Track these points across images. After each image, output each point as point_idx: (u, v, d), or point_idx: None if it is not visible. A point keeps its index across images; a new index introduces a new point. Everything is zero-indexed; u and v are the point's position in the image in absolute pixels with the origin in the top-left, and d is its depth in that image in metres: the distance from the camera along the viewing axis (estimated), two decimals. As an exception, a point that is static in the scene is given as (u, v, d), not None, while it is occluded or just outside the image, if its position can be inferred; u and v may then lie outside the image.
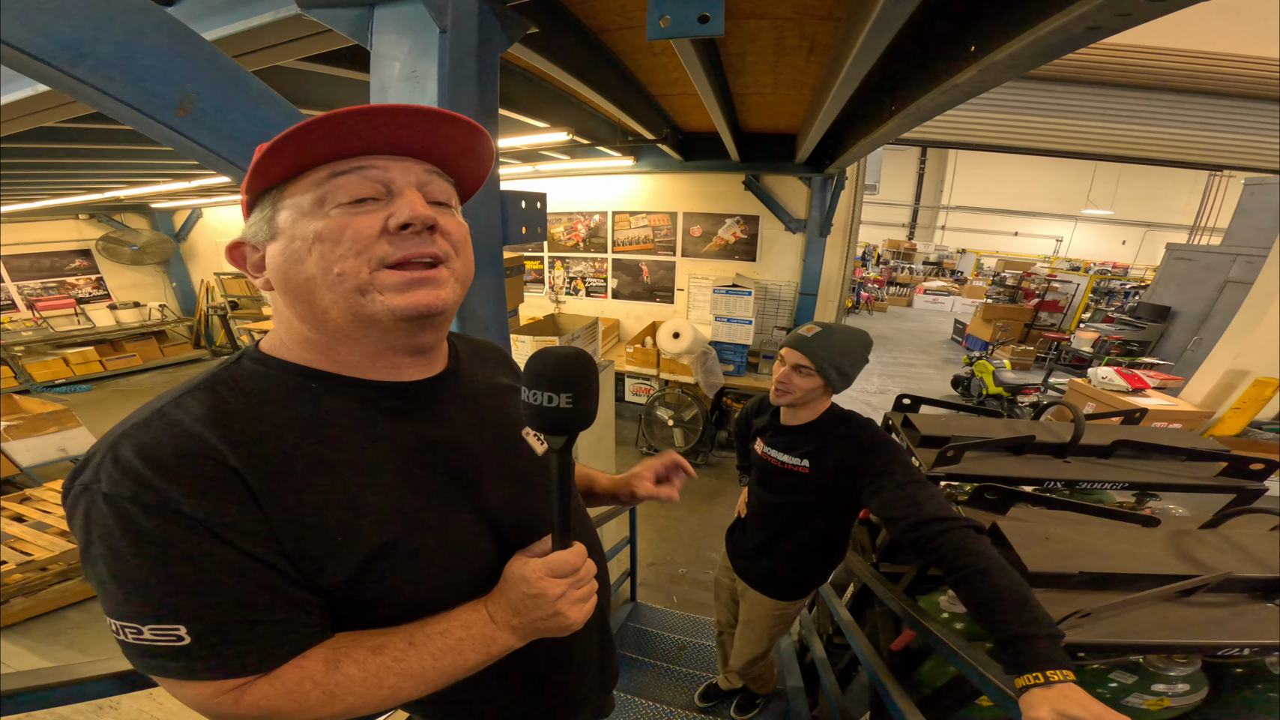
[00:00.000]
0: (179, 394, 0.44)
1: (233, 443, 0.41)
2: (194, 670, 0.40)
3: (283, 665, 0.43)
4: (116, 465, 0.38)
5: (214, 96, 0.80)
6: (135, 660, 0.40)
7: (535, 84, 2.57)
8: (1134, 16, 0.85)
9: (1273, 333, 3.92)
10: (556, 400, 0.46)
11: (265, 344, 0.50)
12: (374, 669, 0.45)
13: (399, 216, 0.45)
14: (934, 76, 1.57)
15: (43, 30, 0.63)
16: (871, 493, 1.03)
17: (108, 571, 0.38)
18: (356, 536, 0.45)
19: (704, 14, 1.02)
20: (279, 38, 1.24)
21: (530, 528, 0.57)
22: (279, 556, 0.42)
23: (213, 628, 0.39)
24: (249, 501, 0.41)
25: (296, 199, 0.45)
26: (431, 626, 0.48)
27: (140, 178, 4.17)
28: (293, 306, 0.47)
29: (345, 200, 0.45)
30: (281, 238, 0.45)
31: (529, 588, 0.49)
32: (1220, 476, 1.34)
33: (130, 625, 0.38)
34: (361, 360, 0.50)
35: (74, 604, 2.72)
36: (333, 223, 0.44)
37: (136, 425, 0.41)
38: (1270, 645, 0.79)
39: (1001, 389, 5.08)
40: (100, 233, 6.87)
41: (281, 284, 0.46)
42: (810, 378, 1.12)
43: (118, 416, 0.41)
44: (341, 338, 0.48)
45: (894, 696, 1.05)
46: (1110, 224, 15.02)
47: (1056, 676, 0.66)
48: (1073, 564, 0.94)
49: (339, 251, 0.44)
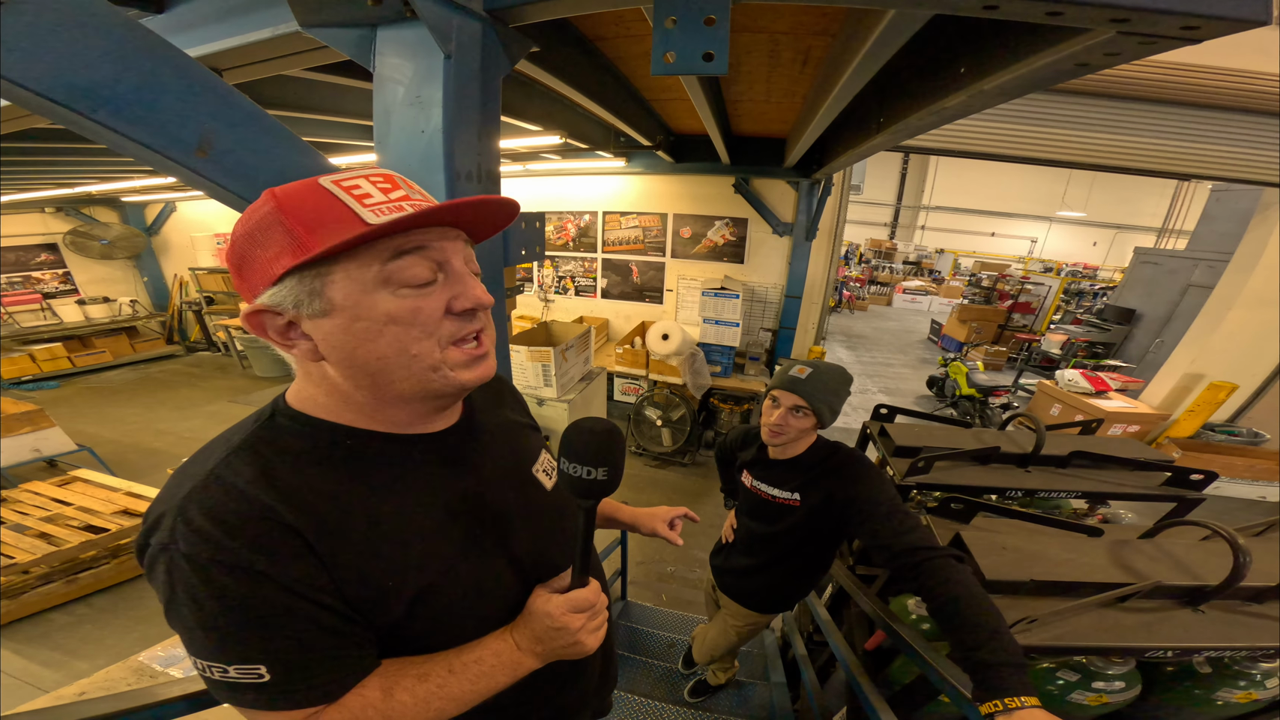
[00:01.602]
0: (225, 454, 0.46)
1: (286, 502, 0.45)
2: (275, 702, 0.45)
3: (346, 694, 0.49)
4: (189, 527, 0.42)
5: (231, 137, 0.83)
6: (221, 694, 0.45)
7: (529, 88, 2.57)
8: (1122, 56, 0.89)
9: (1230, 337, 4.10)
10: (594, 474, 0.53)
11: (295, 401, 0.52)
12: (422, 695, 0.51)
13: (464, 302, 0.49)
14: (923, 97, 1.62)
15: (62, 76, 0.65)
16: (859, 522, 1.07)
17: (195, 621, 0.42)
18: (404, 581, 0.50)
19: (709, 52, 1.01)
20: (279, 51, 1.25)
21: (547, 562, 0.64)
22: (340, 602, 0.47)
23: (287, 666, 0.45)
24: (309, 556, 0.45)
25: (356, 276, 0.45)
26: (467, 655, 0.54)
27: (113, 173, 4.04)
28: (353, 379, 0.49)
29: (414, 283, 0.47)
30: (341, 315, 0.45)
31: (552, 621, 0.55)
32: (1163, 486, 1.47)
33: (217, 665, 0.43)
34: (404, 419, 0.54)
35: (57, 606, 2.68)
36: (405, 304, 0.46)
37: (196, 488, 0.44)
38: (1193, 648, 0.89)
39: (974, 390, 5.27)
40: (68, 226, 6.65)
41: (346, 360, 0.47)
42: (805, 418, 1.15)
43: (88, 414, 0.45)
44: (398, 403, 0.52)
45: (867, 693, 1.14)
46: (1083, 226, 15.51)
47: (1015, 704, 0.69)
48: (1025, 572, 1.03)
49: (413, 334, 0.47)
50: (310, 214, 0.44)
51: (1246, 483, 4.11)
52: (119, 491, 3.22)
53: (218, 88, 0.81)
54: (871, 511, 1.05)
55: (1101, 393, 4.58)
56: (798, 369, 1.16)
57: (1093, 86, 3.08)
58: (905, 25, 1.19)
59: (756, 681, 2.01)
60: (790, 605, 1.49)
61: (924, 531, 0.99)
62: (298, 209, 0.44)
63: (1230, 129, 3.04)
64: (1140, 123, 3.13)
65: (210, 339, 7.41)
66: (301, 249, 0.43)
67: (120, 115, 0.72)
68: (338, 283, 0.45)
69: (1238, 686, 0.94)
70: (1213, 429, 4.33)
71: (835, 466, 1.18)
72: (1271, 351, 4.13)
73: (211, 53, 1.19)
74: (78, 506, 3.04)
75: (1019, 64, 1.12)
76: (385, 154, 1.09)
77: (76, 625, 2.62)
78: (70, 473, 3.43)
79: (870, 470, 1.15)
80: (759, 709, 1.87)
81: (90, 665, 2.34)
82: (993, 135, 3.39)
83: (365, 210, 0.45)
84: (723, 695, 1.90)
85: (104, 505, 3.07)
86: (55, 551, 2.62)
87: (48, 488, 3.21)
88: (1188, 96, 2.96)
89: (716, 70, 1.06)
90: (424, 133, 1.03)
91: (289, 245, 0.44)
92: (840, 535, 1.26)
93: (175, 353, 7.31)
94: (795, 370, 1.16)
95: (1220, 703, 0.95)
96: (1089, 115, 3.18)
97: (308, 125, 2.45)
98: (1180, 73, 2.78)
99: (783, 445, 1.23)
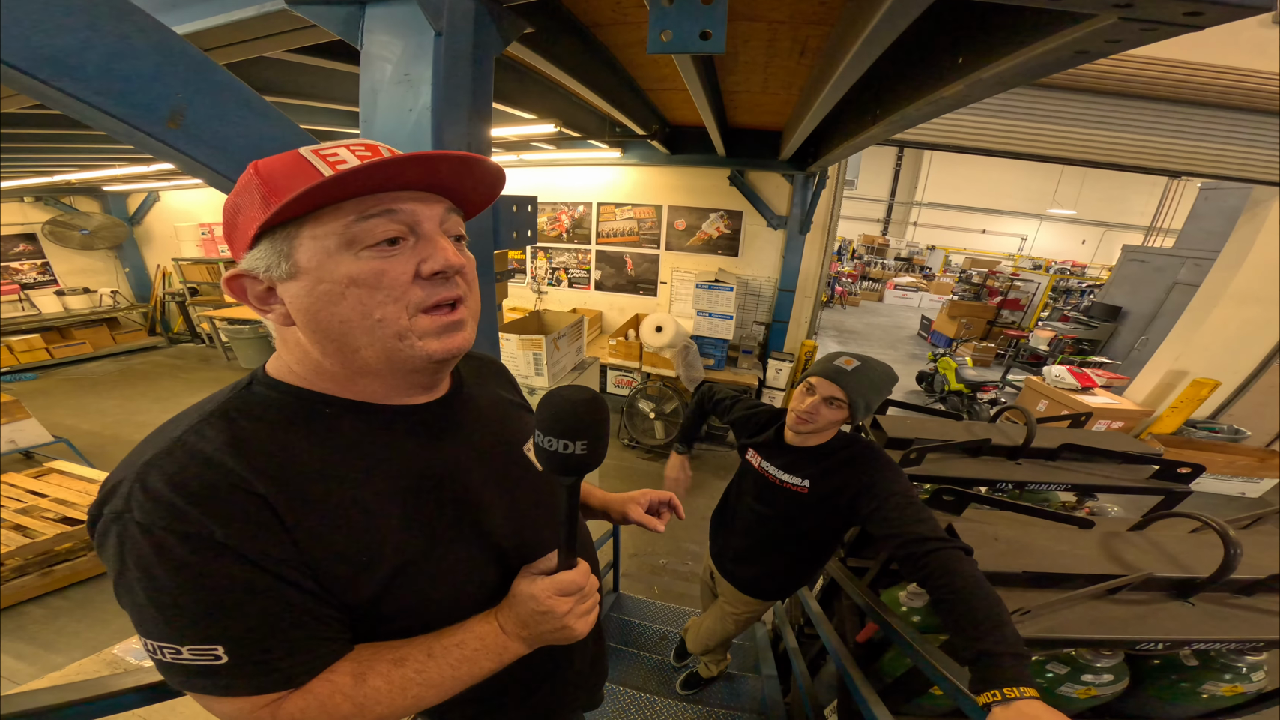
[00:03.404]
0: (195, 421, 0.44)
1: (256, 470, 0.43)
2: (232, 687, 0.42)
3: (313, 680, 0.45)
4: (147, 495, 0.39)
5: (206, 108, 0.79)
6: (174, 678, 0.42)
7: (522, 75, 2.52)
8: (1124, 43, 0.87)
9: (1213, 335, 4.14)
10: (571, 448, 0.48)
11: (273, 370, 0.51)
12: (398, 680, 0.48)
13: (432, 264, 0.47)
14: (920, 87, 1.59)
15: (25, 42, 0.61)
16: (871, 512, 1.06)
17: (145, 597, 0.39)
18: (379, 558, 0.47)
19: (706, 31, 0.98)
20: (265, 31, 1.20)
21: (534, 542, 0.61)
22: (308, 578, 0.44)
23: (248, 647, 0.41)
24: (277, 528, 0.42)
25: (320, 238, 0.44)
26: (448, 639, 0.51)
27: (94, 161, 3.92)
28: (319, 344, 0.47)
29: (376, 242, 0.45)
30: (305, 277, 0.45)
31: (538, 605, 0.52)
32: (1151, 479, 1.48)
33: (169, 646, 0.40)
34: (380, 391, 0.52)
35: (33, 599, 2.63)
36: (367, 266, 0.44)
37: (160, 454, 0.41)
38: (1183, 640, 0.90)
39: (963, 385, 5.32)
40: (47, 216, 6.45)
41: (310, 324, 0.46)
42: (839, 410, 1.11)
43: (66, 405, 0.42)
44: (366, 374, 0.50)
45: (858, 685, 1.14)
46: (1072, 223, 15.70)
47: (1014, 694, 0.68)
48: (1018, 564, 1.03)
49: (377, 298, 0.45)
50: (281, 178, 0.44)
51: (1226, 479, 4.19)
52: (96, 483, 3.14)
53: (192, 56, 0.77)
54: (885, 501, 1.04)
55: (1087, 389, 4.64)
56: (844, 359, 1.11)
57: (1086, 82, 3.08)
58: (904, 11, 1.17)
59: (748, 674, 2.01)
60: (789, 593, 1.48)
61: (935, 523, 0.98)
62: (271, 173, 0.44)
63: (1222, 126, 3.06)
64: (1132, 119, 3.14)
65: (194, 330, 7.25)
66: (265, 208, 0.43)
67: (88, 84, 0.68)
68: (304, 245, 0.44)
69: (1223, 680, 0.95)
70: (1194, 425, 4.40)
71: (851, 458, 1.15)
72: (1254, 349, 4.19)
73: (194, 31, 1.14)
74: (54, 498, 2.97)
75: (1018, 52, 1.10)
76: (371, 133, 1.06)
77: (52, 618, 2.56)
78: (47, 464, 3.34)
79: (887, 462, 1.13)
80: (751, 701, 1.87)
81: (66, 659, 2.28)
82: (987, 130, 3.39)
83: (330, 170, 0.44)
84: (715, 688, 1.90)
85: (81, 497, 3.00)
86: (30, 544, 2.56)
87: (23, 479, 3.13)
88: (1179, 93, 2.97)
89: (714, 49, 1.03)
90: (411, 111, 0.99)
91: (260, 206, 0.44)
92: (846, 525, 1.24)
93: (158, 344, 7.15)
94: (842, 360, 1.11)
95: (1206, 696, 0.96)
96: (1082, 111, 3.18)
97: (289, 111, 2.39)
98: (1173, 69, 2.78)
99: (806, 434, 1.18)
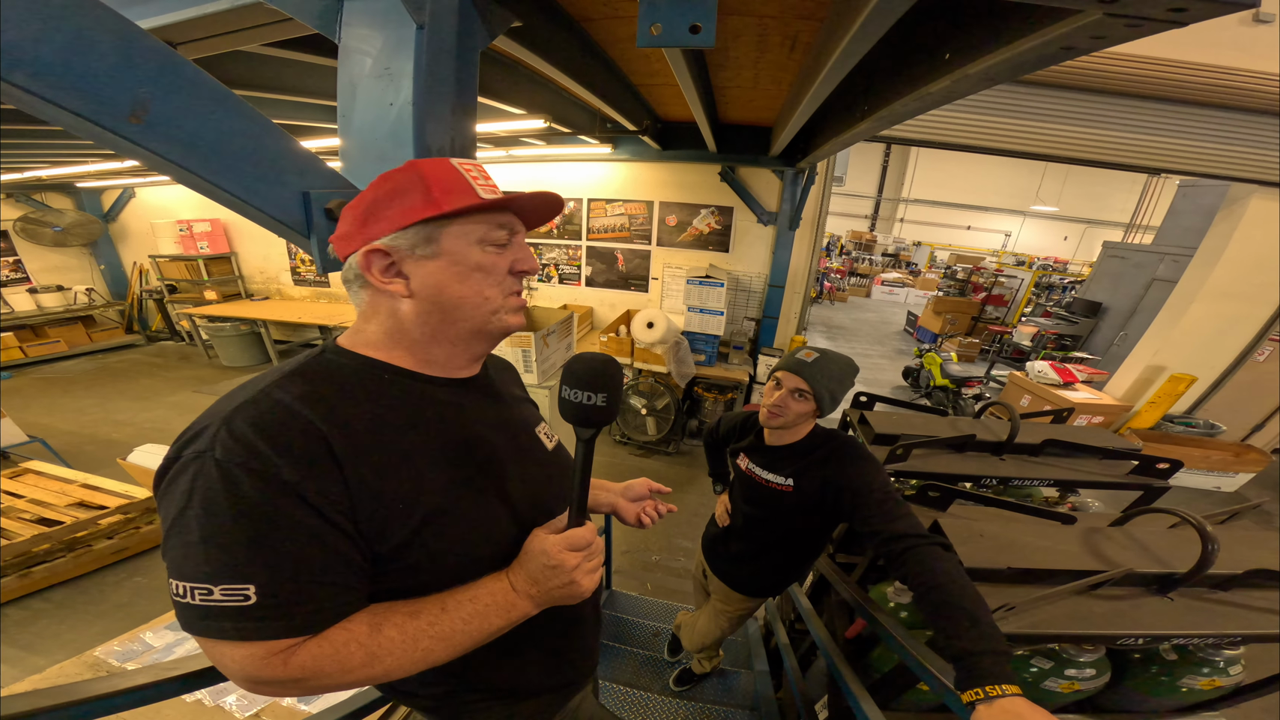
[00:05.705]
0: (278, 377, 0.51)
1: (324, 418, 0.49)
2: (253, 630, 0.44)
3: (331, 627, 0.48)
4: (231, 435, 0.44)
5: (171, 103, 0.75)
6: (194, 623, 0.43)
7: (511, 69, 2.48)
8: (1109, 39, 0.88)
9: (1190, 330, 4.22)
10: (594, 399, 0.56)
11: (346, 341, 0.60)
12: (411, 631, 0.51)
13: (525, 265, 0.62)
14: (908, 82, 1.60)
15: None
16: (852, 508, 1.07)
17: (198, 533, 0.42)
18: (415, 505, 0.53)
19: (696, 24, 0.98)
20: (240, 24, 1.16)
21: (544, 510, 0.67)
22: (349, 522, 0.48)
23: (279, 587, 0.44)
24: (335, 470, 0.48)
25: (466, 234, 0.57)
26: (461, 594, 0.56)
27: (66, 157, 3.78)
28: (426, 313, 0.58)
29: (496, 243, 0.59)
30: (445, 258, 0.56)
31: (549, 559, 0.57)
32: (1131, 475, 1.51)
33: (201, 586, 0.42)
34: (444, 360, 0.62)
35: (11, 601, 2.57)
36: (488, 259, 0.59)
37: (247, 402, 0.47)
38: (1162, 635, 0.92)
39: (948, 381, 5.38)
40: (18, 213, 6.25)
41: (433, 295, 0.57)
42: (805, 402, 1.14)
43: (42, 404, 0.41)
44: (445, 341, 0.60)
45: (848, 681, 1.15)
46: (1055, 220, 15.96)
47: (996, 692, 0.68)
48: (1002, 560, 1.05)
49: (490, 281, 0.59)
50: (445, 182, 0.55)
51: (1202, 473, 4.28)
52: (74, 483, 3.07)
53: (157, 50, 0.73)
54: (864, 498, 1.05)
55: (1069, 384, 4.72)
56: (805, 352, 1.15)
57: (1070, 80, 3.11)
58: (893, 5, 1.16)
59: (740, 670, 2.03)
60: (781, 590, 1.49)
61: (914, 519, 0.99)
62: (437, 177, 0.55)
63: (1203, 124, 3.11)
64: (1115, 117, 3.17)
65: (173, 328, 7.08)
66: (435, 206, 0.54)
67: (42, 78, 0.64)
68: (452, 235, 0.57)
69: (1202, 673, 0.97)
70: (1172, 420, 4.50)
71: (830, 453, 1.17)
72: (1229, 344, 4.30)
73: (165, 25, 1.10)
74: (29, 499, 2.90)
75: (1004, 48, 1.10)
76: (349, 129, 1.03)
77: (32, 620, 2.50)
78: (22, 464, 3.26)
79: (865, 457, 1.15)
80: (743, 697, 1.89)
81: (48, 661, 2.24)
82: (973, 127, 3.42)
83: (478, 187, 0.57)
84: (708, 683, 1.91)
85: (57, 498, 2.93)
86: (7, 545, 2.49)
87: (-3, 481, 3.03)
88: (1161, 91, 3.01)
89: (703, 43, 1.02)
90: (392, 105, 0.97)
91: (425, 202, 0.54)
92: (834, 521, 1.27)
93: (135, 342, 6.98)
94: (802, 354, 1.15)
95: (1185, 689, 0.98)
96: (1065, 108, 3.22)
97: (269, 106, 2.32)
98: (1155, 67, 2.82)
99: (780, 429, 1.21)
